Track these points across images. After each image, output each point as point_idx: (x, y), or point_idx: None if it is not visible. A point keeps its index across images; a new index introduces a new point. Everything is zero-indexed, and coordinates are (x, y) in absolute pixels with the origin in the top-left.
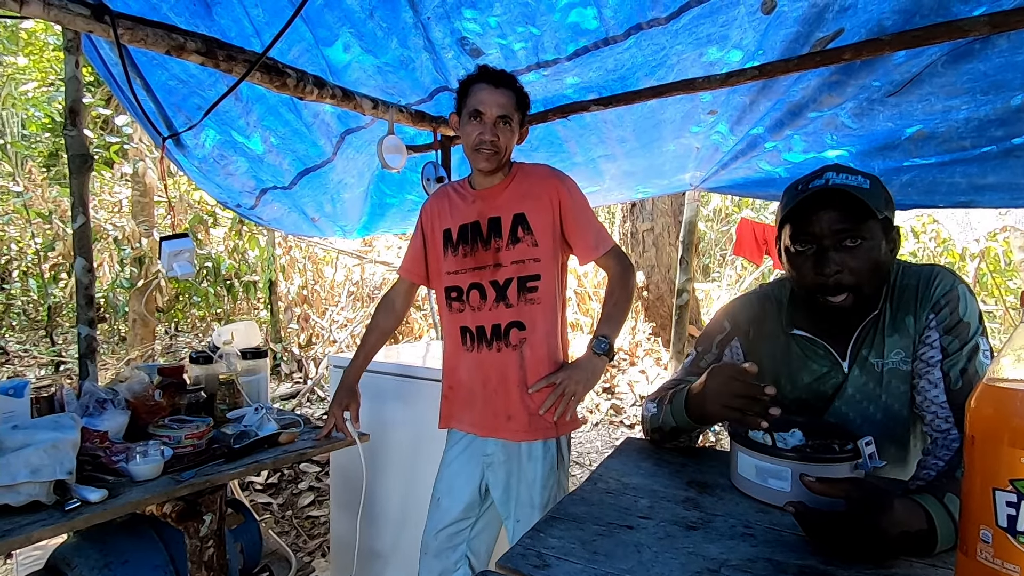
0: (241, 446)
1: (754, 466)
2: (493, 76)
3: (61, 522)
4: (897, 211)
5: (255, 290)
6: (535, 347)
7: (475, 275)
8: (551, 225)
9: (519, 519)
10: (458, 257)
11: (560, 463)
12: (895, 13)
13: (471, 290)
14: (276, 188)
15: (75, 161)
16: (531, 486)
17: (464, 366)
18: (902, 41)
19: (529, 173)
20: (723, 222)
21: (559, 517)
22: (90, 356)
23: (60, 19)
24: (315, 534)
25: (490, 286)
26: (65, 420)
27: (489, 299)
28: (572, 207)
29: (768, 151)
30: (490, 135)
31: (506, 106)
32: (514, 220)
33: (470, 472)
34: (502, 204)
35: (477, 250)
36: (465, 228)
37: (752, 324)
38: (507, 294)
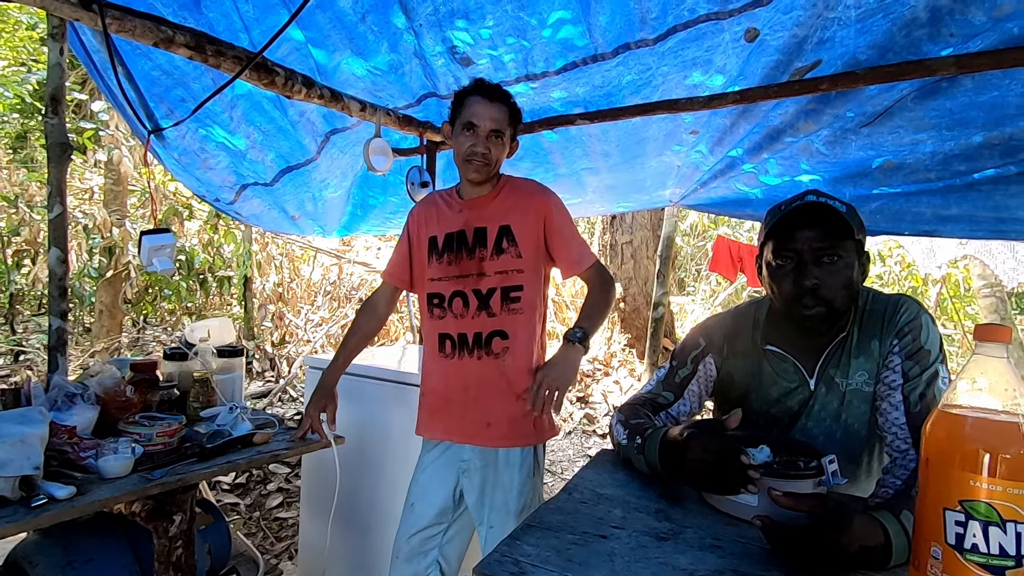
0: (214, 445)
1: None
2: (488, 90)
3: (27, 519)
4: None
5: (229, 286)
6: (517, 356)
7: (458, 283)
8: (536, 238)
9: (492, 525)
10: (442, 264)
11: (536, 470)
12: (870, 48)
13: (454, 298)
14: (257, 184)
15: (55, 150)
16: (507, 492)
17: (440, 373)
18: (875, 76)
19: (517, 187)
20: (700, 237)
21: (535, 525)
22: (60, 349)
23: (47, 5)
24: (283, 536)
25: (473, 295)
26: (33, 414)
27: (472, 307)
28: (557, 222)
29: (745, 173)
30: (482, 147)
31: (499, 120)
32: (499, 231)
33: (445, 477)
34: (489, 215)
35: (461, 259)
36: (451, 236)
37: (726, 342)
38: (490, 303)
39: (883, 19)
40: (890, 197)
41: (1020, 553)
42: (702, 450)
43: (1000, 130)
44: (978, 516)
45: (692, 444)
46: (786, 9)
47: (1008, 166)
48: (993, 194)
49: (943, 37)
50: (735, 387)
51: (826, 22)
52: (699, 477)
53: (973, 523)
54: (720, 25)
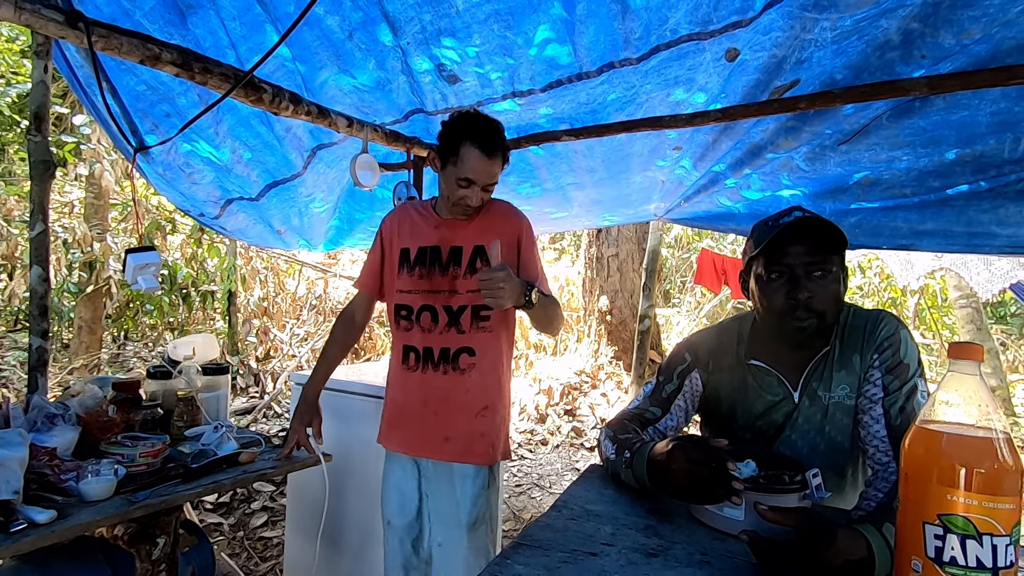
0: (199, 466)
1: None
2: (487, 143)
3: (5, 545)
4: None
5: (212, 300)
6: (483, 373)
7: (428, 297)
8: (512, 259)
9: (441, 542)
10: (413, 278)
11: (491, 484)
12: (846, 68)
13: (423, 311)
14: (243, 199)
15: (37, 167)
16: (458, 506)
17: (400, 384)
18: (851, 95)
19: (493, 209)
20: (684, 250)
21: (525, 544)
22: (40, 369)
23: (32, 23)
24: (267, 556)
25: (443, 311)
26: (12, 436)
27: (441, 323)
28: (527, 245)
29: (728, 187)
30: (476, 201)
31: (495, 174)
32: (474, 252)
33: (409, 492)
34: (465, 235)
35: (434, 275)
36: (424, 251)
37: (711, 357)
38: (460, 320)
39: (858, 41)
40: (868, 212)
41: (996, 565)
42: (687, 461)
43: (971, 148)
44: (956, 530)
45: (677, 455)
46: (765, 30)
47: (979, 182)
48: (966, 209)
49: (915, 59)
50: (721, 401)
51: (804, 43)
52: (684, 488)
53: (951, 536)
54: (701, 45)
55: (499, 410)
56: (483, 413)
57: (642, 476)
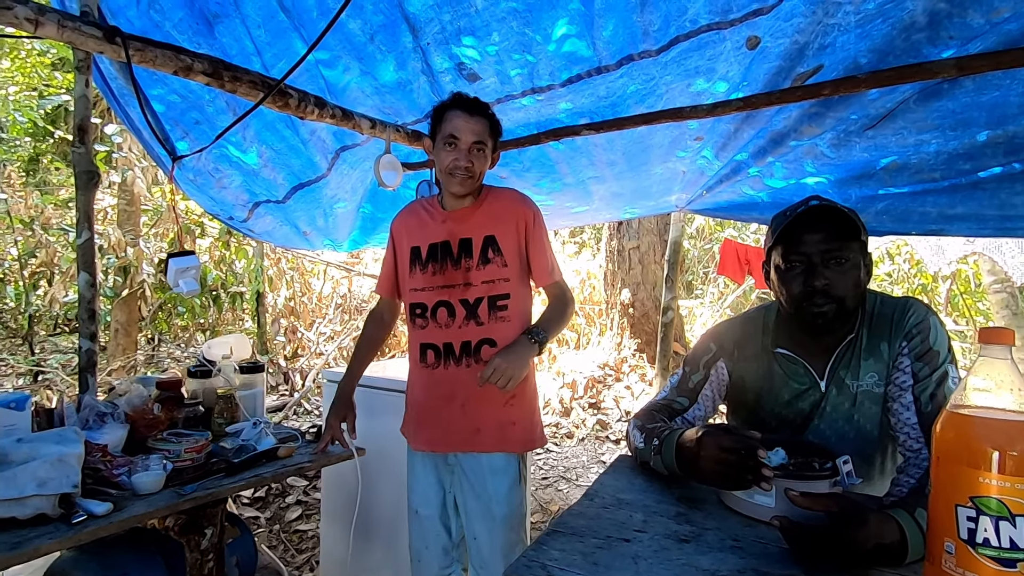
0: (241, 460)
1: None
2: (467, 104)
3: (68, 536)
4: (872, 237)
5: (241, 301)
6: None
7: (443, 293)
8: (518, 247)
9: (476, 536)
10: (426, 275)
11: (521, 479)
12: (870, 52)
13: (438, 308)
14: (269, 202)
15: (82, 177)
16: (491, 500)
17: (422, 383)
18: (876, 79)
19: (499, 197)
20: (706, 240)
21: (560, 531)
22: (90, 369)
23: (73, 40)
24: (303, 548)
25: (459, 304)
26: (69, 434)
27: (458, 317)
28: (535, 232)
29: (751, 176)
30: (465, 161)
31: (480, 133)
32: (484, 241)
33: (436, 486)
34: (473, 226)
35: (447, 269)
36: (435, 247)
37: (737, 346)
38: (478, 312)
39: (882, 24)
40: (896, 197)
41: None
42: (716, 447)
43: (1003, 129)
44: (989, 512)
45: (706, 442)
46: (786, 16)
47: (1012, 164)
48: (998, 192)
49: (942, 40)
50: (747, 391)
51: (826, 28)
52: (713, 475)
53: (984, 518)
54: (721, 34)
55: (528, 397)
56: (512, 402)
57: (671, 463)
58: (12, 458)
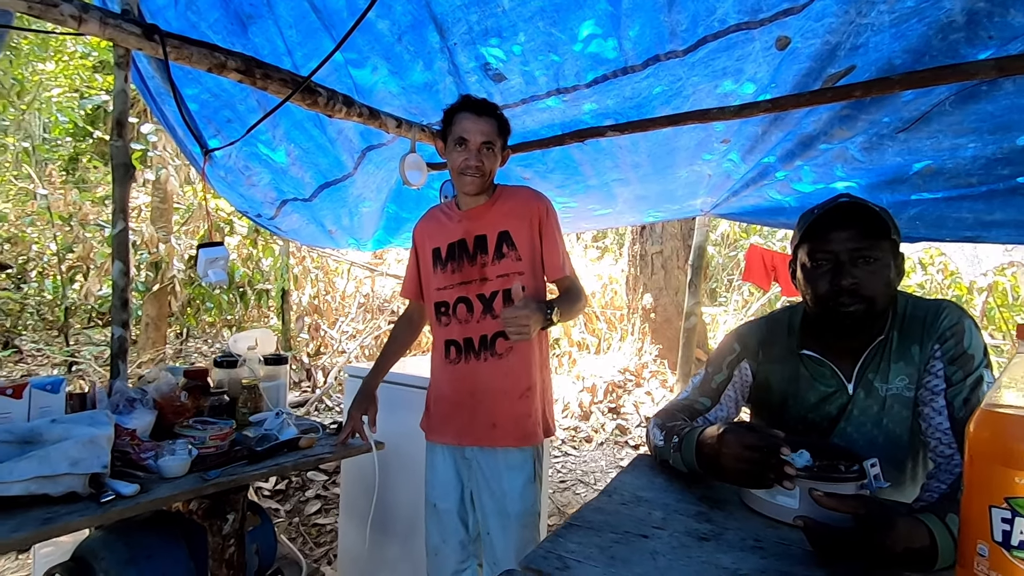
0: (263, 449)
1: None
2: (476, 105)
3: (97, 514)
4: (904, 243)
5: (267, 298)
6: (519, 355)
7: (462, 289)
8: (532, 240)
9: (489, 531)
10: (446, 273)
11: (536, 476)
12: (905, 53)
13: (458, 304)
14: (296, 200)
15: (119, 170)
16: (504, 497)
17: (447, 379)
18: (911, 81)
19: (512, 194)
20: (731, 247)
21: (577, 525)
22: (121, 356)
23: (114, 37)
24: (321, 542)
25: (477, 299)
26: (100, 417)
27: (476, 312)
28: (548, 226)
29: (778, 180)
30: (475, 161)
31: (489, 133)
32: (499, 237)
33: (454, 480)
34: (487, 223)
35: (463, 266)
36: (452, 246)
37: (762, 347)
38: (493, 306)
39: (918, 23)
40: (930, 203)
41: None
42: (739, 445)
43: None
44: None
45: (728, 439)
46: (818, 16)
47: None
48: None
49: (981, 40)
50: (772, 393)
51: (859, 28)
52: (735, 473)
53: (1020, 520)
54: (750, 34)
55: (540, 389)
56: (526, 394)
57: (691, 460)
58: (46, 438)
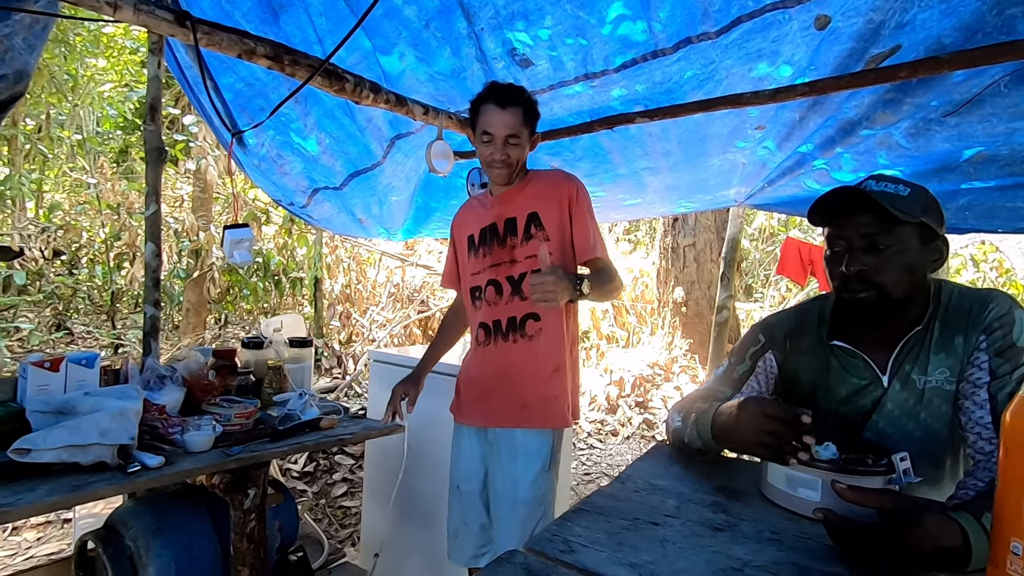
0: (285, 428)
1: (785, 475)
2: (499, 96)
3: (123, 483)
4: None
5: (301, 286)
6: (548, 336)
7: (493, 272)
8: (561, 221)
9: (499, 518)
10: (479, 258)
11: (552, 464)
12: (956, 31)
13: (488, 286)
14: (328, 188)
15: (152, 154)
16: (517, 483)
17: (477, 361)
18: (962, 60)
19: (543, 177)
20: (768, 242)
21: (586, 509)
22: (153, 335)
23: (147, 23)
24: (346, 523)
25: (506, 281)
26: (130, 391)
27: (505, 294)
28: (578, 206)
29: (816, 169)
30: (500, 154)
31: (513, 125)
32: (528, 219)
33: (479, 458)
34: (517, 205)
35: (494, 249)
36: (484, 231)
37: (789, 338)
38: (522, 287)
39: None
40: (982, 192)
41: None
42: (759, 412)
43: None
44: None
45: (748, 406)
46: None
47: None
48: None
49: None
50: (801, 385)
51: (906, 4)
52: (751, 442)
53: None
54: (788, 14)
55: (568, 371)
56: (553, 375)
57: (706, 432)
58: (79, 409)
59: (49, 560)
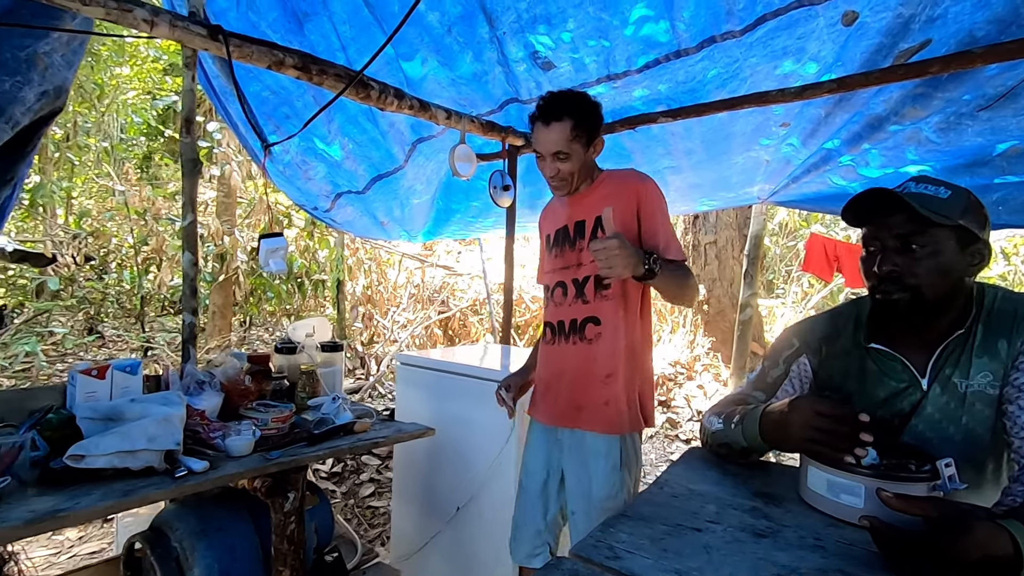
0: (320, 432)
1: (826, 481)
2: (544, 112)
3: (171, 487)
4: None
5: (323, 288)
6: (607, 341)
7: (561, 274)
8: (629, 224)
9: (574, 511)
10: (552, 258)
11: (624, 462)
12: (988, 23)
13: (556, 287)
14: (350, 192)
15: (187, 165)
16: (590, 480)
17: (543, 360)
18: (996, 53)
19: (614, 177)
20: (789, 237)
21: (628, 515)
22: (192, 341)
23: (182, 38)
24: (375, 523)
25: (572, 284)
26: (173, 397)
27: (570, 295)
28: (647, 208)
29: (843, 165)
30: (550, 171)
31: (558, 141)
32: (596, 222)
33: (540, 457)
34: (586, 208)
35: (565, 251)
36: (559, 232)
37: (824, 342)
38: (585, 291)
39: None
40: (1015, 186)
41: None
42: (811, 411)
43: None
44: None
45: (801, 404)
46: None
47: None
48: None
49: None
50: (836, 389)
51: None
52: (802, 440)
53: None
54: (814, 10)
55: (625, 377)
56: (607, 381)
57: (754, 431)
58: (127, 415)
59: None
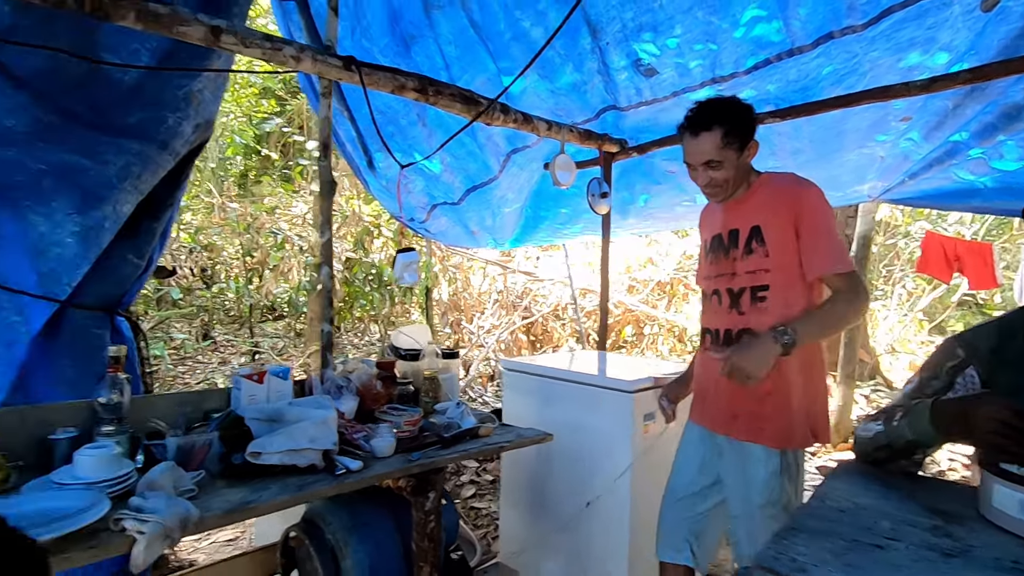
0: (451, 435)
1: (1019, 501)
2: (691, 123)
3: (333, 484)
4: None
5: (411, 295)
6: None
7: (717, 281)
8: (786, 237)
9: (736, 514)
10: (708, 264)
11: (785, 469)
12: None
13: (713, 295)
14: (446, 204)
15: (324, 186)
16: (749, 486)
17: (701, 365)
18: None
19: (771, 184)
20: (890, 235)
21: (796, 528)
22: (329, 348)
23: (322, 71)
24: (479, 524)
25: (727, 293)
26: (323, 402)
27: (725, 304)
28: (806, 218)
29: (972, 159)
30: (702, 180)
31: (707, 151)
32: (750, 232)
33: (693, 457)
34: (742, 216)
35: (720, 259)
36: (715, 239)
37: (992, 352)
38: (740, 302)
39: None
40: None
41: None
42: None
43: None
44: None
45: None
46: None
47: None
48: None
49: None
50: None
51: None
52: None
53: None
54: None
55: (786, 395)
56: (766, 398)
57: (923, 420)
58: (287, 417)
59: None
